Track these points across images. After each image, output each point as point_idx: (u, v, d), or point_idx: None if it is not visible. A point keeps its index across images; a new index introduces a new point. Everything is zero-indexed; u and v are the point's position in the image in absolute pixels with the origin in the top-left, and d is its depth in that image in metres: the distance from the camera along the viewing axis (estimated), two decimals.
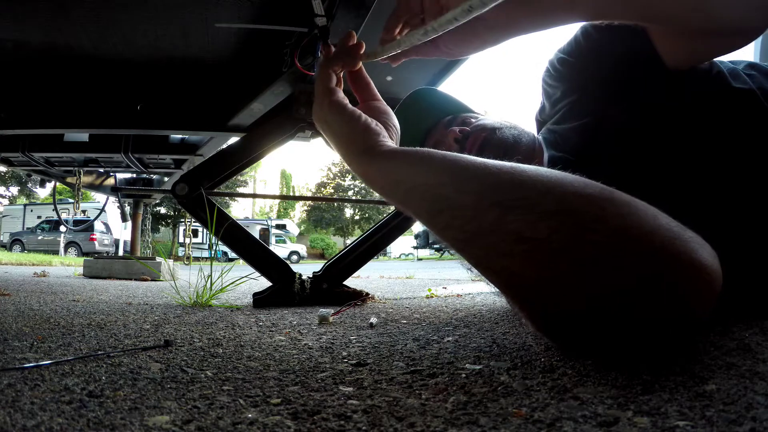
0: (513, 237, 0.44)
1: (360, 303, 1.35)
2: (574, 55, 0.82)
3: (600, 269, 0.42)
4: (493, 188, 0.47)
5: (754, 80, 0.72)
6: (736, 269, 0.69)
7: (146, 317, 1.06)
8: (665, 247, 0.42)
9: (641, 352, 0.49)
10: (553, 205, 0.45)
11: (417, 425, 0.37)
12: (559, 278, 0.43)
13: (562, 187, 0.46)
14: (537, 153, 0.89)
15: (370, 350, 0.69)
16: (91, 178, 3.07)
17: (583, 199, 0.45)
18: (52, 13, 1.03)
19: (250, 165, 1.58)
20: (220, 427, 0.38)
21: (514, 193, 0.46)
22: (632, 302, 0.42)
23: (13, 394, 0.45)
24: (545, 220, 0.43)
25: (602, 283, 0.42)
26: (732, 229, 0.68)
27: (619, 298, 0.42)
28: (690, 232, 0.45)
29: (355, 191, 28.38)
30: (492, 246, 0.46)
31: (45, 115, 1.53)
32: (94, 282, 2.54)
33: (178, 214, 20.70)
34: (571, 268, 0.42)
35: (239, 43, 1.22)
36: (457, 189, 0.49)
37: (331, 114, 0.63)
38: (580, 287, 0.43)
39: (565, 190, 0.46)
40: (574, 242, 0.42)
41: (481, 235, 0.47)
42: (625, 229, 0.42)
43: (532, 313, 0.47)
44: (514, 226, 0.44)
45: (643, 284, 0.41)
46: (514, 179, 0.47)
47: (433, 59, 1.41)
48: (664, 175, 0.70)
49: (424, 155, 0.54)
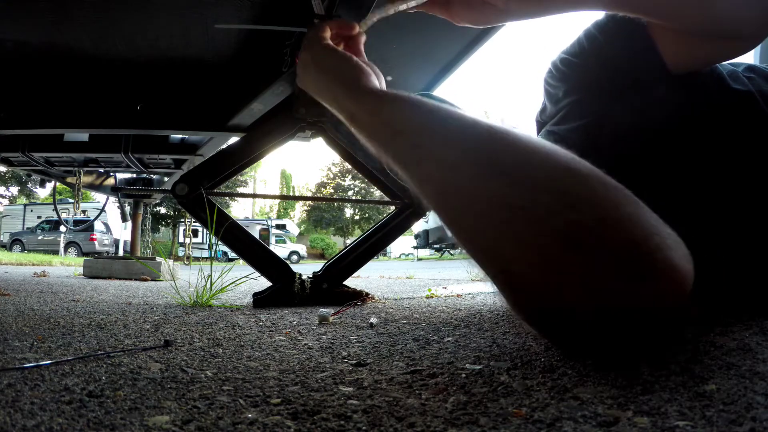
0: (494, 201, 0.43)
1: (360, 303, 1.35)
2: (577, 56, 0.82)
3: (574, 251, 0.41)
4: (479, 147, 0.47)
5: (753, 83, 0.72)
6: (735, 269, 0.69)
7: (146, 317, 1.06)
8: (640, 239, 0.42)
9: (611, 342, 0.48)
10: (541, 173, 0.44)
11: (417, 425, 0.37)
12: (535, 251, 0.43)
13: (554, 160, 0.46)
14: None
15: (370, 350, 0.69)
16: (91, 178, 3.07)
17: (572, 176, 0.44)
18: (52, 13, 1.03)
19: (250, 165, 1.58)
20: (220, 427, 0.38)
21: (502, 155, 0.45)
22: (598, 289, 0.42)
23: (13, 394, 0.45)
24: (530, 190, 0.43)
25: (576, 263, 0.41)
26: (731, 228, 0.68)
27: (588, 282, 0.42)
28: (668, 229, 0.44)
29: (355, 191, 28.35)
30: (468, 207, 0.45)
31: (45, 115, 1.53)
32: (94, 282, 2.54)
33: (178, 214, 20.70)
34: (548, 243, 0.42)
35: (239, 43, 1.22)
36: (443, 140, 0.49)
37: (324, 53, 0.65)
38: (554, 265, 0.42)
39: (556, 163, 0.45)
40: (554, 217, 0.42)
41: (460, 195, 0.46)
42: (605, 215, 0.42)
43: (501, 282, 0.47)
44: (496, 190, 0.44)
45: (609, 273, 0.41)
46: (505, 141, 0.47)
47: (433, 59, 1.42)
48: (664, 176, 0.70)
49: (415, 101, 0.53)
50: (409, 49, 1.33)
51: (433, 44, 1.32)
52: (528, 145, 0.47)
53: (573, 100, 0.84)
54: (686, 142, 0.71)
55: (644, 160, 0.72)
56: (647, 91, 0.74)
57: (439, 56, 1.41)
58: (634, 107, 0.75)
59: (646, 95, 0.74)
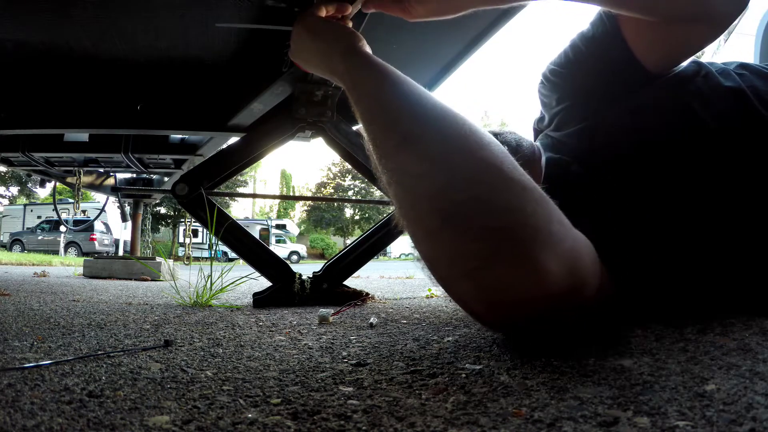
0: (405, 170, 0.51)
1: (360, 303, 1.35)
2: (564, 65, 0.86)
3: (449, 228, 0.47)
4: (399, 119, 0.55)
5: (744, 79, 0.73)
6: (735, 269, 0.69)
7: (146, 317, 1.06)
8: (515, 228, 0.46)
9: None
10: (443, 147, 0.51)
11: (417, 425, 0.37)
12: (421, 225, 0.49)
13: (469, 144, 0.51)
14: (536, 156, 0.90)
15: (370, 350, 0.69)
16: (91, 178, 3.07)
17: (476, 159, 0.50)
18: (52, 12, 1.03)
19: (250, 165, 1.58)
20: (220, 427, 0.38)
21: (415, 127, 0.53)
22: (467, 270, 0.47)
23: (13, 394, 0.45)
24: (430, 162, 0.50)
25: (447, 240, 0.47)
26: (730, 228, 0.68)
27: (455, 261, 0.47)
28: (573, 232, 0.49)
29: (355, 191, 28.34)
30: (388, 170, 0.53)
31: (45, 115, 1.52)
32: (94, 282, 2.54)
33: (178, 214, 20.69)
34: (430, 218, 0.48)
35: (239, 43, 1.21)
36: (385, 108, 0.57)
37: (318, 20, 0.73)
38: (433, 241, 0.49)
39: (467, 145, 0.51)
40: (440, 195, 0.48)
41: (388, 158, 0.54)
42: (483, 199, 0.47)
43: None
44: (405, 160, 0.51)
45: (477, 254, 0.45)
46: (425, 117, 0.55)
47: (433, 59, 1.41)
48: (661, 175, 0.70)
49: (388, 72, 0.61)
50: (410, 49, 1.33)
51: (434, 44, 1.32)
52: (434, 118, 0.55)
53: (566, 105, 0.88)
54: (678, 141, 0.71)
55: (639, 161, 0.72)
56: (635, 95, 0.77)
57: (439, 56, 1.40)
58: (625, 111, 0.77)
59: (635, 98, 0.77)
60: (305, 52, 0.76)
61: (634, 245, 0.67)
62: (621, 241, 0.66)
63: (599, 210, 0.70)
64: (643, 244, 0.67)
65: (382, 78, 0.61)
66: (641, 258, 0.67)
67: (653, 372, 0.45)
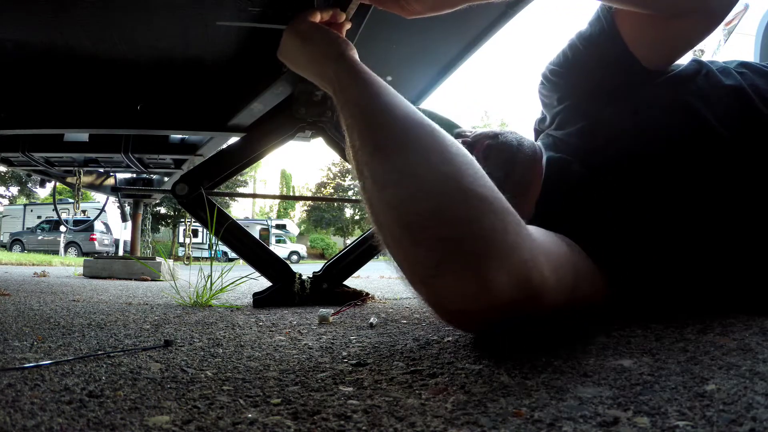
0: (376, 179, 0.54)
1: (360, 303, 1.35)
2: (563, 66, 0.87)
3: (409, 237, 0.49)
4: (375, 129, 0.58)
5: (745, 77, 0.73)
6: (735, 268, 0.69)
7: (146, 317, 1.06)
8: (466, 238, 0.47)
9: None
10: (412, 159, 0.53)
11: (417, 425, 0.37)
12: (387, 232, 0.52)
13: (432, 155, 0.53)
14: (538, 155, 0.90)
15: (370, 350, 0.69)
16: (91, 178, 3.07)
17: (438, 172, 0.52)
18: (52, 13, 1.03)
19: (250, 165, 1.58)
20: (220, 427, 0.38)
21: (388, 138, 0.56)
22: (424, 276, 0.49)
23: (13, 394, 0.45)
24: (398, 173, 0.52)
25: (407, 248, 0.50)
26: (729, 228, 0.68)
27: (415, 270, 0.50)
28: (529, 242, 0.50)
29: (355, 191, 28.25)
30: (363, 176, 0.56)
31: (45, 115, 1.52)
32: (94, 282, 2.54)
33: (178, 214, 20.68)
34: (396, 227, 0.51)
35: (239, 42, 1.21)
36: (365, 116, 0.60)
37: (312, 25, 0.75)
38: (398, 247, 0.51)
39: (433, 158, 0.53)
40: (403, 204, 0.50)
41: (364, 165, 0.56)
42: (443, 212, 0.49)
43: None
44: (378, 169, 0.54)
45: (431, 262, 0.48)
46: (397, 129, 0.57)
47: (433, 59, 1.41)
48: (662, 174, 0.70)
49: (373, 82, 0.63)
50: (409, 49, 1.33)
51: (433, 44, 1.32)
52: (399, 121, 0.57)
53: (567, 105, 0.88)
54: (679, 139, 0.71)
55: (640, 159, 0.72)
56: (636, 93, 0.77)
57: (439, 56, 1.40)
58: (627, 109, 0.78)
59: (636, 97, 0.77)
60: (295, 54, 0.78)
61: (635, 244, 0.67)
62: (621, 241, 0.66)
63: (600, 209, 0.70)
64: (644, 243, 0.67)
65: (366, 87, 0.63)
66: (641, 257, 0.67)
67: (653, 372, 0.45)
